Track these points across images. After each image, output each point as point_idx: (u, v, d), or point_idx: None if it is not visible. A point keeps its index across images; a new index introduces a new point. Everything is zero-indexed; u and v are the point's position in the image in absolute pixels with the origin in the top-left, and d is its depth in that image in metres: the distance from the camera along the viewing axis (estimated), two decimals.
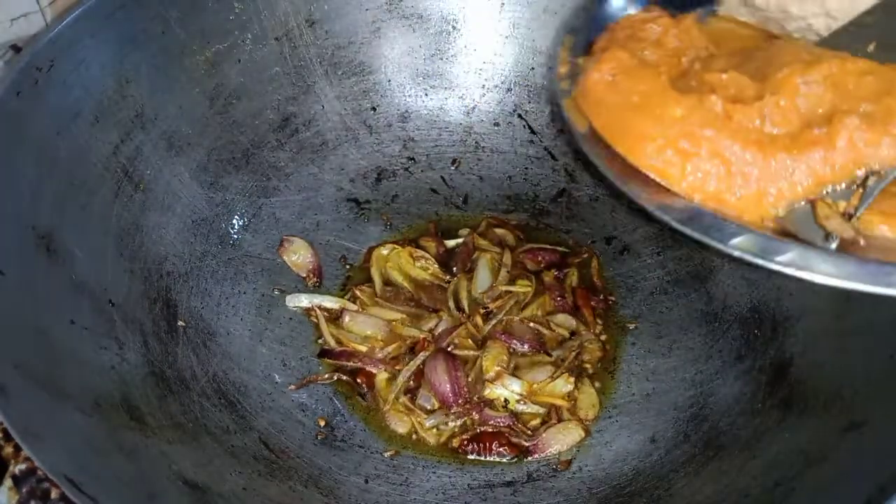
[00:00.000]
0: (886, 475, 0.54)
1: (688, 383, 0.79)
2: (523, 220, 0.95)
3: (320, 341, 0.84)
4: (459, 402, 0.78)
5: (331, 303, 0.86)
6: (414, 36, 0.96)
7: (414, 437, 0.78)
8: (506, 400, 0.79)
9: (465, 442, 0.77)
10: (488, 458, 0.76)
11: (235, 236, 0.88)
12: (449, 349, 0.82)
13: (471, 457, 0.76)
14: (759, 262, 0.49)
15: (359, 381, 0.81)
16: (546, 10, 0.93)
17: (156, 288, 0.78)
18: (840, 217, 0.51)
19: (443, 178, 0.98)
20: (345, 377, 0.81)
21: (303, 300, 0.86)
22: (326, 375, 0.81)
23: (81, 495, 0.52)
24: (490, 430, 0.78)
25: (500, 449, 0.76)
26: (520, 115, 0.98)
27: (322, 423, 0.78)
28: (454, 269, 0.89)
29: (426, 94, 0.98)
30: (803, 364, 0.71)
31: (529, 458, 0.76)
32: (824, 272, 0.47)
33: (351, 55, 0.95)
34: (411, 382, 0.81)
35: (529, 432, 0.77)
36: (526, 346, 0.82)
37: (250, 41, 0.88)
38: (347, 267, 0.91)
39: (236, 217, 0.89)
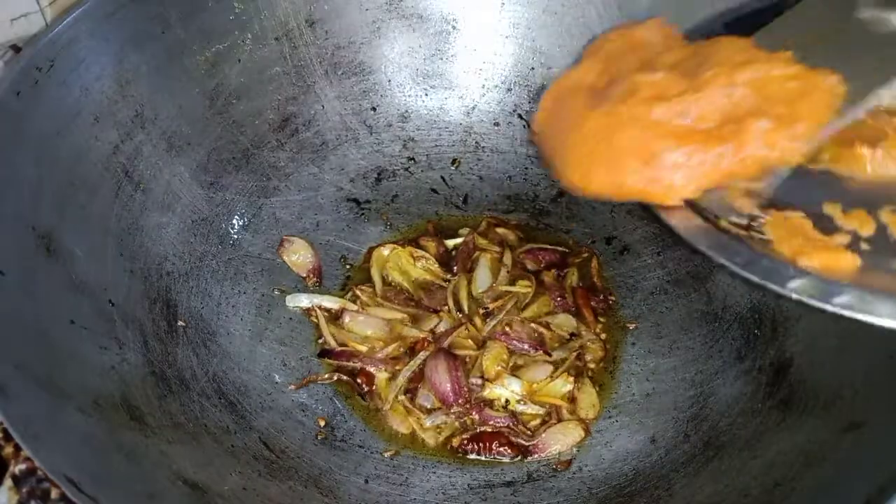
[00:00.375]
0: (886, 475, 0.54)
1: (688, 383, 0.79)
2: (523, 220, 0.95)
3: (320, 341, 0.84)
4: (460, 401, 0.78)
5: (331, 303, 0.86)
6: (414, 36, 0.96)
7: (414, 436, 0.78)
8: (506, 400, 0.79)
9: (466, 441, 0.77)
10: (488, 458, 0.76)
11: (235, 236, 0.88)
12: (449, 349, 0.82)
13: (471, 457, 0.77)
14: (818, 304, 0.49)
15: (359, 381, 0.81)
16: (546, 11, 0.93)
17: (156, 288, 0.78)
18: (746, 197, 0.55)
19: (443, 178, 0.98)
20: (345, 377, 0.81)
21: (303, 300, 0.86)
22: (326, 376, 0.81)
23: (81, 495, 0.52)
24: (490, 429, 0.78)
25: (501, 449, 0.76)
26: (520, 115, 0.98)
27: (322, 423, 0.78)
28: (454, 268, 0.89)
29: (426, 94, 0.98)
30: (803, 364, 0.71)
31: (530, 459, 0.76)
32: (885, 314, 0.47)
33: (351, 55, 0.94)
34: (411, 382, 0.81)
35: (529, 432, 0.77)
36: (526, 346, 0.82)
37: (250, 41, 0.88)
38: (347, 267, 0.91)
39: (236, 217, 0.89)
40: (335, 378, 0.81)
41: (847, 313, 0.48)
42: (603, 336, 0.85)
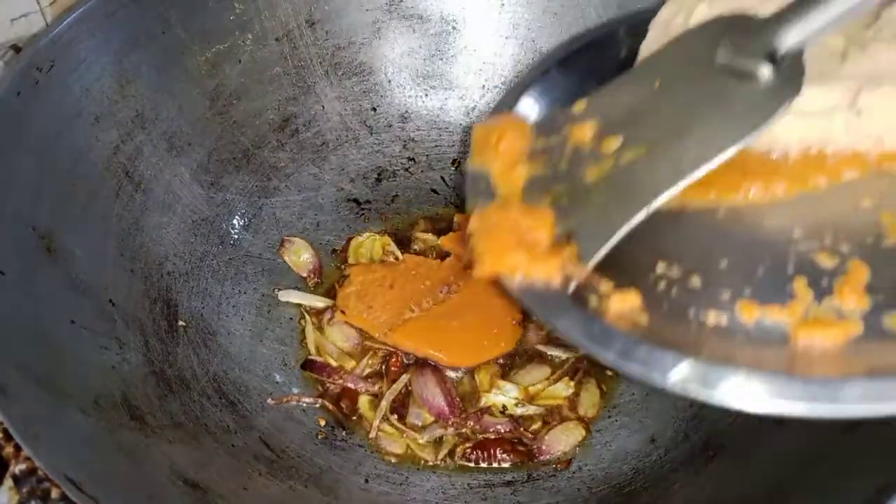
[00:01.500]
0: (886, 475, 0.54)
1: None
2: None
3: (305, 344, 0.84)
4: (456, 412, 0.78)
5: (320, 303, 0.86)
6: (414, 36, 0.96)
7: (412, 454, 0.77)
8: (503, 405, 0.79)
9: (469, 451, 0.76)
10: (494, 465, 0.76)
11: (236, 236, 0.88)
12: (435, 364, 0.81)
13: (475, 465, 0.76)
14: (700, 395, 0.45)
15: (342, 405, 0.79)
16: (546, 11, 0.93)
17: (156, 288, 0.78)
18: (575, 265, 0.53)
19: (443, 178, 0.98)
20: (329, 405, 0.79)
21: (293, 296, 0.87)
22: (310, 400, 0.80)
23: (81, 495, 0.52)
24: (492, 436, 0.77)
25: (505, 455, 0.76)
26: None
27: (322, 423, 0.78)
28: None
29: (426, 95, 0.98)
30: None
31: (535, 461, 0.76)
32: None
33: (351, 56, 0.95)
34: (395, 401, 0.79)
35: (531, 435, 0.77)
36: None
37: (251, 42, 0.88)
38: (343, 267, 0.91)
39: (237, 217, 0.89)
40: (318, 404, 0.79)
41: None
42: None
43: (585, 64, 0.69)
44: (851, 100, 0.54)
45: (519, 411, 0.79)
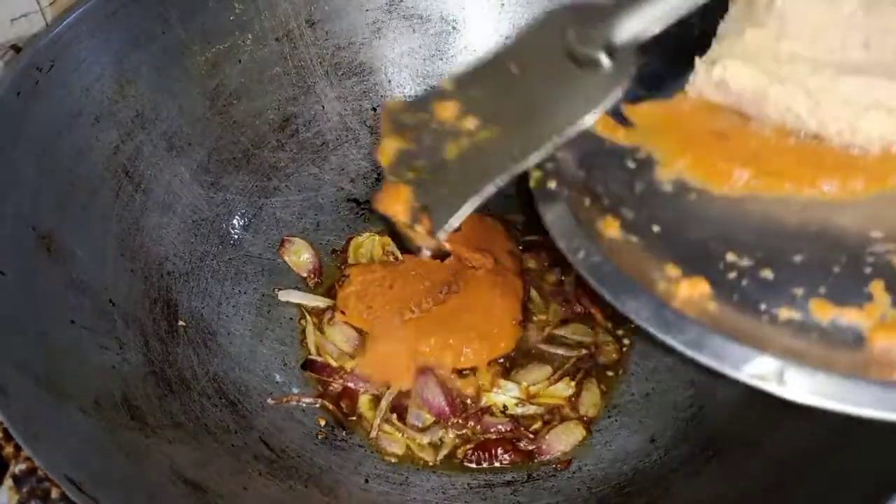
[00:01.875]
0: (886, 475, 0.54)
1: (688, 383, 0.79)
2: (521, 220, 0.95)
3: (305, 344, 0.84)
4: (456, 412, 0.77)
5: (320, 303, 0.86)
6: (414, 36, 0.96)
7: (411, 454, 0.77)
8: (504, 405, 0.79)
9: (470, 453, 0.76)
10: (495, 465, 0.76)
11: (236, 236, 0.88)
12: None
13: (475, 465, 0.76)
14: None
15: (342, 405, 0.79)
16: (546, 12, 0.93)
17: (156, 288, 0.78)
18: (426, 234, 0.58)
19: None
20: (329, 405, 0.79)
21: (293, 296, 0.87)
22: (309, 400, 0.80)
23: (82, 495, 0.52)
24: (493, 436, 0.77)
25: (506, 455, 0.76)
26: None
27: (322, 423, 0.78)
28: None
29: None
30: None
31: (536, 461, 0.76)
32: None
33: (351, 56, 0.94)
34: (394, 401, 0.79)
35: (532, 435, 0.77)
36: None
37: (251, 41, 0.88)
38: (343, 267, 0.91)
39: (237, 217, 0.89)
40: (318, 404, 0.80)
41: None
42: (619, 331, 0.84)
43: (658, 39, 0.69)
44: None
45: (519, 411, 0.78)
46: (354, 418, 0.79)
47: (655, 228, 0.54)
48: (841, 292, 0.49)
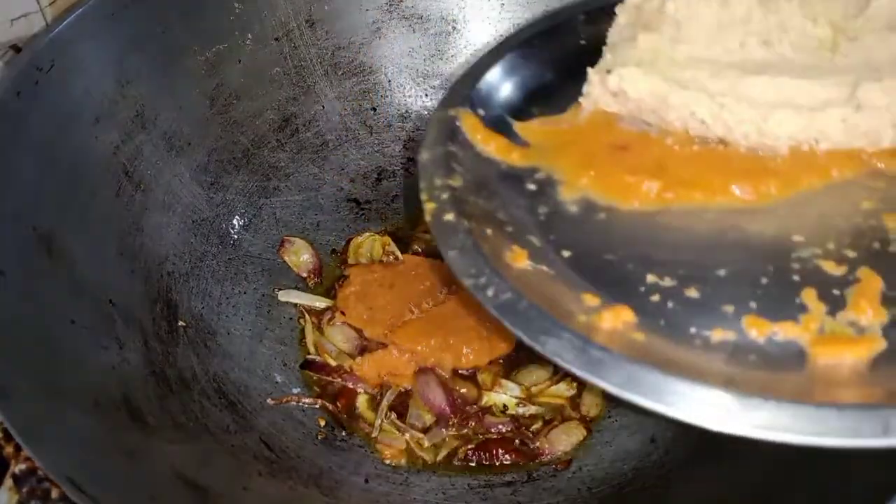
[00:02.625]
0: (886, 475, 0.54)
1: None
2: None
3: (304, 344, 0.84)
4: (457, 412, 0.77)
5: (320, 303, 0.86)
6: (414, 36, 0.96)
7: (412, 454, 0.76)
8: (504, 405, 0.79)
9: (471, 453, 0.76)
10: (495, 465, 0.76)
11: (236, 236, 0.88)
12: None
13: (476, 465, 0.76)
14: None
15: (339, 403, 0.79)
16: (546, 12, 0.93)
17: (156, 288, 0.78)
18: None
19: None
20: (329, 405, 0.79)
21: (293, 296, 0.87)
22: (309, 400, 0.80)
23: (82, 495, 0.52)
24: (494, 437, 0.77)
25: (506, 455, 0.75)
26: None
27: (322, 423, 0.78)
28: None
29: (426, 95, 0.98)
30: None
31: (536, 461, 0.76)
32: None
33: (351, 55, 0.95)
34: (394, 400, 0.79)
35: (532, 434, 0.77)
36: None
37: (251, 41, 0.88)
38: (342, 267, 0.91)
39: (237, 217, 0.89)
40: (318, 405, 0.79)
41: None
42: None
43: (542, 50, 0.67)
44: (849, 94, 0.52)
45: (520, 411, 0.78)
46: (352, 418, 0.79)
47: (566, 254, 0.51)
48: (773, 305, 0.46)
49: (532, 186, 0.56)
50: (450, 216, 0.52)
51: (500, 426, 0.77)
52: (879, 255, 0.49)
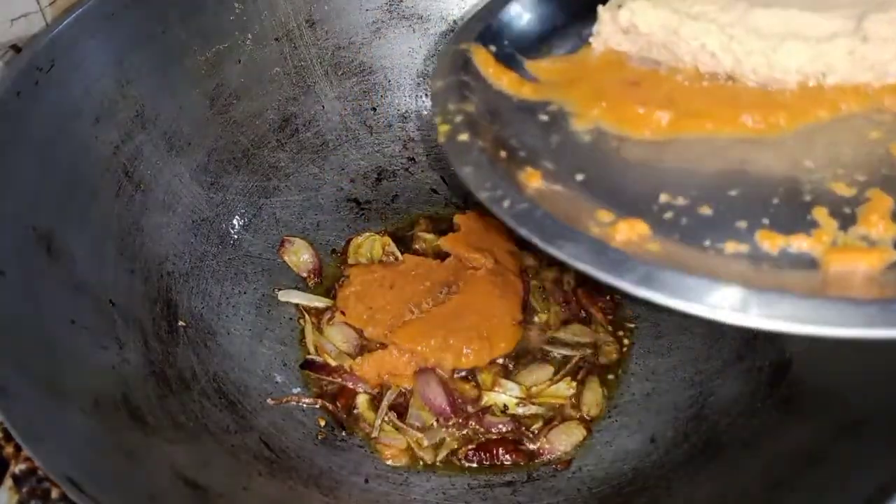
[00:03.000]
0: (886, 475, 0.54)
1: (688, 383, 0.79)
2: None
3: (304, 344, 0.84)
4: (457, 412, 0.77)
5: (320, 303, 0.86)
6: (414, 36, 0.96)
7: (412, 454, 0.76)
8: (504, 405, 0.79)
9: (471, 453, 0.76)
10: (495, 465, 0.76)
11: (236, 236, 0.88)
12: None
13: (476, 465, 0.76)
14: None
15: (339, 404, 0.79)
16: None
17: (156, 288, 0.78)
18: None
19: (443, 178, 0.98)
20: (329, 405, 0.79)
21: (293, 296, 0.87)
22: (309, 400, 0.80)
23: (82, 495, 0.52)
24: (494, 436, 0.77)
25: (507, 455, 0.75)
26: None
27: (322, 423, 0.78)
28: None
29: (426, 95, 0.98)
30: (803, 364, 0.71)
31: (536, 461, 0.76)
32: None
33: (351, 55, 0.95)
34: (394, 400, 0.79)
35: (532, 434, 0.77)
36: None
37: (250, 41, 0.88)
38: (342, 267, 0.91)
39: (236, 217, 0.89)
40: (318, 405, 0.79)
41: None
42: (620, 332, 0.84)
43: None
44: (856, 26, 0.53)
45: (520, 411, 0.78)
46: (352, 418, 0.79)
47: (579, 177, 0.52)
48: (785, 221, 0.47)
49: (544, 118, 0.58)
50: (464, 136, 0.54)
51: (500, 426, 0.77)
52: (889, 179, 0.49)
